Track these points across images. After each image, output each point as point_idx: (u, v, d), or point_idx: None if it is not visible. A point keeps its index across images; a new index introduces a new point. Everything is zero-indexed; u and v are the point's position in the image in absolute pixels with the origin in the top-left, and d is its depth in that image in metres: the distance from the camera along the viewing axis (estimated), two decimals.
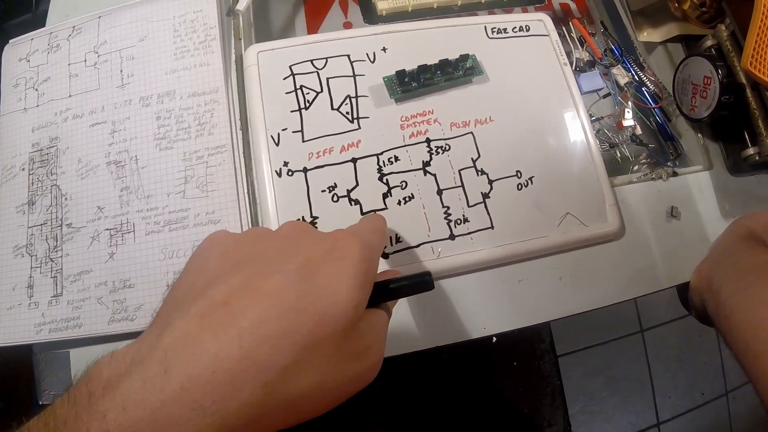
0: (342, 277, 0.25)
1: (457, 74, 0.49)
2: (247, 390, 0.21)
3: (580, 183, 0.48)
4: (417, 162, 0.46)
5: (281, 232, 0.28)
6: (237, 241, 0.28)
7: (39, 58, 0.52)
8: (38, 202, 0.48)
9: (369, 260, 0.27)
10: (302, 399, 0.23)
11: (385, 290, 0.29)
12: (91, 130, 0.49)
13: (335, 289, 0.24)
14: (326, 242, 0.27)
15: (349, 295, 0.24)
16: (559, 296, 0.47)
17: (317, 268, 0.25)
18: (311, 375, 0.23)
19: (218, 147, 0.47)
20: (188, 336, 0.22)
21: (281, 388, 0.22)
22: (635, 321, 1.49)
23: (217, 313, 0.22)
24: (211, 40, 0.49)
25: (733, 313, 0.39)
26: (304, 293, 0.23)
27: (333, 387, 0.24)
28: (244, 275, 0.24)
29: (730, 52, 0.51)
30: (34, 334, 0.44)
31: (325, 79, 0.48)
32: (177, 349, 0.21)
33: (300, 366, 0.22)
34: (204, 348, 0.21)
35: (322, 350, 0.23)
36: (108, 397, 0.20)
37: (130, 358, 0.22)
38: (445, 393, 0.86)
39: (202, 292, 0.23)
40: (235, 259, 0.26)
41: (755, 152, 0.51)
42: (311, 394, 0.23)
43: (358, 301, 0.25)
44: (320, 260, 0.25)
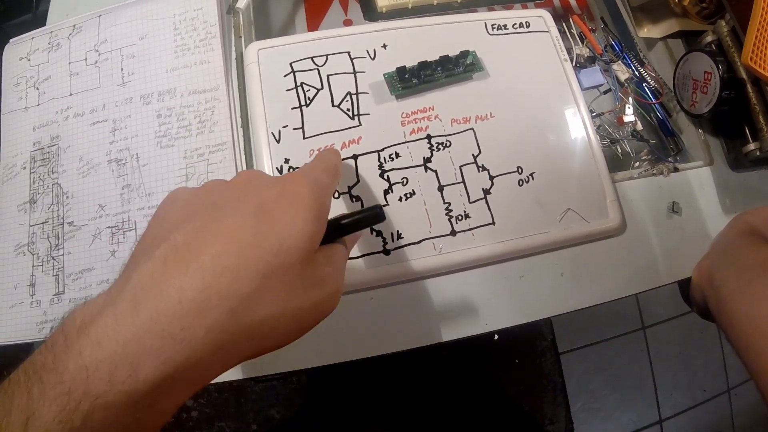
0: (294, 212, 0.26)
1: (457, 70, 0.48)
2: (212, 316, 0.23)
3: (581, 179, 0.48)
4: (418, 158, 0.46)
5: (235, 180, 0.30)
6: (194, 193, 0.29)
7: (40, 57, 0.52)
8: (40, 200, 0.48)
9: (320, 197, 0.28)
10: (264, 325, 0.25)
11: (338, 226, 0.30)
12: (92, 128, 0.49)
13: (289, 223, 0.26)
14: (278, 185, 0.28)
15: (302, 226, 0.26)
16: (560, 292, 0.47)
17: (270, 208, 0.26)
18: (272, 302, 0.25)
19: (219, 144, 0.47)
20: (154, 275, 0.23)
21: (244, 315, 0.24)
22: (637, 318, 1.49)
23: (179, 253, 0.24)
24: (211, 38, 0.50)
25: (734, 309, 0.39)
26: (260, 230, 0.25)
27: (294, 314, 0.26)
28: (202, 219, 0.25)
29: (730, 48, 0.51)
30: (36, 332, 0.44)
31: (326, 76, 0.48)
32: (144, 287, 0.23)
33: (261, 293, 0.24)
34: (169, 283, 0.23)
35: (281, 278, 0.25)
36: (83, 336, 0.21)
37: (101, 302, 0.23)
38: (446, 391, 0.86)
39: (164, 239, 0.25)
40: (194, 208, 0.27)
41: (756, 147, 0.51)
42: (273, 321, 0.25)
43: (311, 233, 0.26)
44: (273, 200, 0.27)
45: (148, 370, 0.21)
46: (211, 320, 0.22)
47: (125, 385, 0.21)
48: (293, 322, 0.27)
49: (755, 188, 0.55)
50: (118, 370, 0.21)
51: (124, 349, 0.21)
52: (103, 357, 0.21)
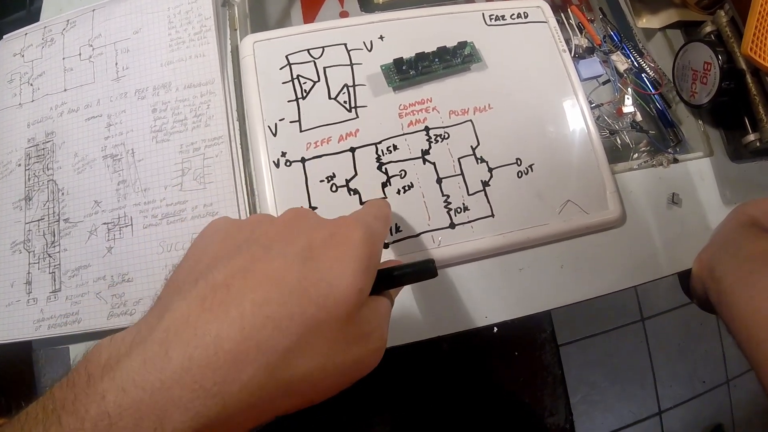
0: (344, 261, 0.25)
1: (455, 62, 0.48)
2: (249, 371, 0.21)
3: (581, 170, 0.48)
4: (416, 151, 0.46)
5: (283, 218, 0.28)
6: (238, 226, 0.27)
7: (33, 52, 0.52)
8: (35, 197, 0.47)
9: (372, 245, 0.26)
10: (303, 382, 0.23)
11: (388, 277, 0.28)
12: (86, 124, 0.48)
13: (337, 274, 0.24)
14: (328, 227, 0.26)
15: (352, 279, 0.24)
16: (560, 284, 0.47)
17: (319, 253, 0.25)
18: (313, 358, 0.23)
19: (215, 138, 0.46)
20: (189, 317, 0.21)
21: (283, 371, 0.22)
22: (636, 310, 1.49)
23: (218, 294, 0.22)
24: (206, 31, 0.49)
25: (735, 301, 0.39)
26: (306, 276, 0.23)
27: (334, 371, 0.24)
28: (245, 258, 0.24)
29: (729, 38, 0.51)
30: (33, 330, 0.44)
31: (322, 69, 0.47)
32: (178, 329, 0.21)
33: (302, 348, 0.22)
34: (205, 329, 0.21)
35: (324, 333, 0.23)
36: (107, 378, 0.20)
37: (130, 340, 0.21)
38: (446, 383, 0.85)
39: (202, 274, 0.23)
40: (236, 243, 0.26)
41: (756, 138, 0.51)
42: (312, 378, 0.23)
43: (360, 285, 0.25)
44: (322, 245, 0.25)
45: (175, 424, 0.20)
46: (247, 376, 0.21)
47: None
48: (332, 380, 0.25)
49: (755, 179, 0.55)
50: (144, 422, 0.19)
51: (152, 398, 0.19)
52: (127, 405, 0.19)
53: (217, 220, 0.29)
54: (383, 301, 0.28)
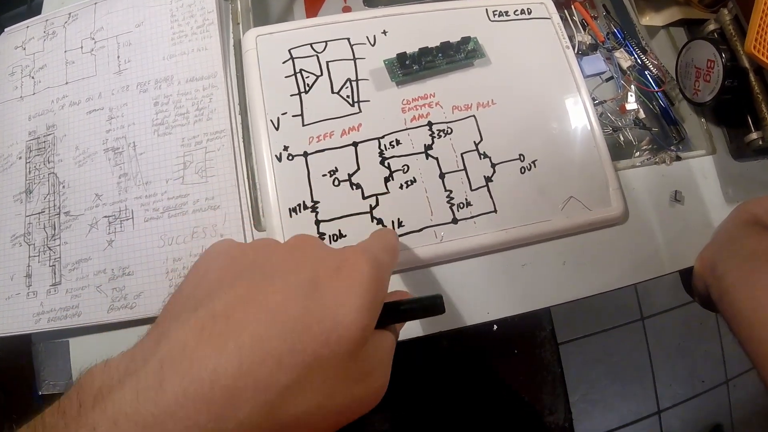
0: (350, 296, 0.24)
1: (458, 57, 0.48)
2: (246, 409, 0.20)
3: (584, 167, 0.48)
4: (419, 145, 0.46)
5: (288, 244, 0.27)
6: (241, 251, 0.27)
7: (35, 45, 0.52)
8: (36, 190, 0.47)
9: (379, 280, 0.25)
10: (301, 421, 0.22)
11: (394, 312, 0.27)
12: (88, 117, 0.48)
13: (343, 309, 0.23)
14: (335, 259, 0.25)
15: (357, 315, 0.23)
16: (562, 281, 0.47)
17: (324, 285, 0.24)
18: (313, 396, 0.22)
19: (217, 132, 0.46)
20: (186, 347, 0.21)
21: (281, 409, 0.21)
22: (636, 309, 1.49)
23: (217, 325, 0.21)
24: (209, 24, 0.49)
25: (736, 299, 0.39)
26: (310, 311, 0.22)
27: (334, 410, 0.23)
28: (247, 287, 0.23)
29: (733, 37, 0.51)
30: (33, 323, 0.44)
31: (325, 63, 0.47)
32: (173, 360, 0.20)
33: (301, 386, 0.21)
34: (202, 362, 0.20)
35: (325, 371, 0.22)
36: (98, 409, 0.19)
37: (124, 367, 0.21)
38: (446, 381, 0.86)
39: (202, 302, 0.23)
40: (238, 270, 0.25)
41: (758, 137, 0.51)
42: (311, 417, 0.22)
43: (366, 322, 0.24)
44: (328, 277, 0.24)
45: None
46: (243, 414, 0.20)
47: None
48: (331, 418, 0.24)
49: (757, 177, 0.55)
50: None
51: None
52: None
53: (220, 243, 0.28)
54: (388, 336, 0.27)
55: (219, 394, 0.19)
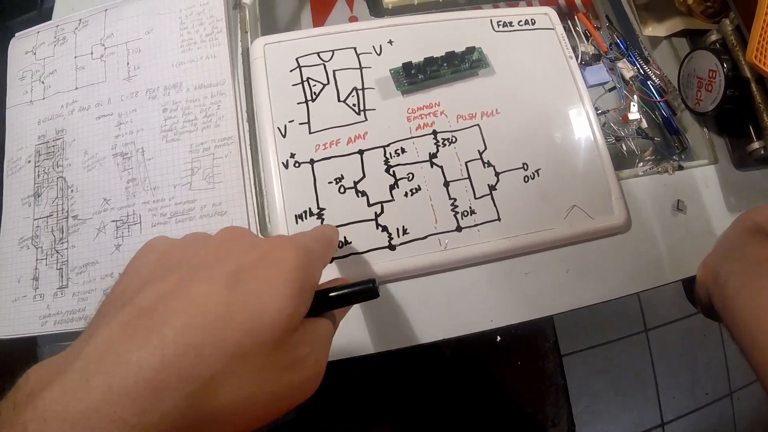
0: (274, 283, 0.24)
1: (463, 66, 0.49)
2: (169, 401, 0.20)
3: (587, 176, 0.48)
4: (424, 154, 0.46)
5: (216, 237, 0.27)
6: (172, 246, 0.27)
7: (45, 50, 0.52)
8: (44, 194, 0.48)
9: (306, 267, 0.25)
10: (230, 412, 0.22)
11: (325, 298, 0.27)
12: (97, 122, 0.49)
13: (266, 297, 0.23)
14: (260, 248, 0.25)
15: (281, 302, 0.23)
16: (565, 289, 0.47)
17: (248, 275, 0.24)
18: (239, 386, 0.22)
19: (225, 139, 0.47)
20: (111, 344, 0.21)
21: (206, 400, 0.21)
22: (639, 320, 1.49)
23: (141, 320, 0.21)
24: (217, 32, 0.50)
25: (739, 307, 0.39)
26: (233, 301, 0.22)
27: (264, 400, 0.23)
28: (173, 281, 0.23)
29: (734, 47, 0.51)
30: (39, 326, 0.44)
31: (332, 72, 0.48)
32: (99, 357, 0.20)
33: (227, 377, 0.21)
34: (125, 357, 0.20)
35: (251, 361, 0.22)
36: (30, 408, 0.19)
37: (55, 367, 0.21)
38: (448, 391, 0.85)
39: (130, 299, 0.23)
40: (168, 264, 0.25)
41: (760, 146, 0.51)
42: (240, 407, 0.22)
43: (291, 309, 0.23)
44: (252, 266, 0.24)
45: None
46: (168, 406, 0.20)
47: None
48: (262, 408, 0.23)
49: (760, 187, 0.55)
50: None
51: (72, 429, 0.19)
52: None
53: (152, 240, 0.28)
54: (322, 323, 0.27)
55: (142, 388, 0.19)
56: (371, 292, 0.28)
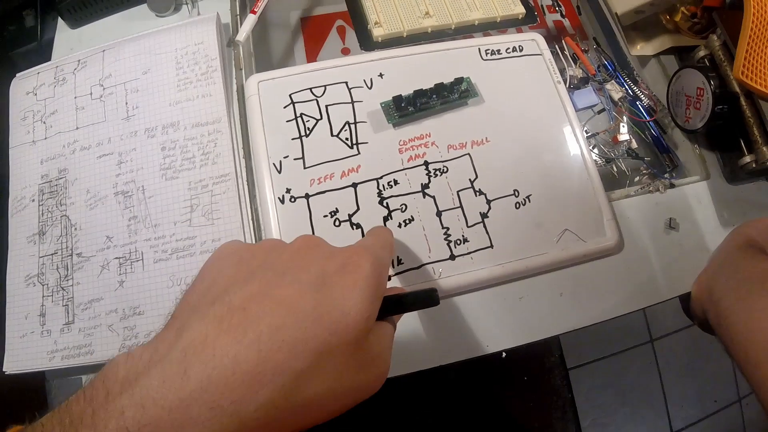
0: (355, 289, 0.25)
1: (452, 97, 0.49)
2: (265, 392, 0.22)
3: (578, 199, 0.49)
4: (416, 185, 0.47)
5: (295, 245, 0.29)
6: (252, 251, 0.28)
7: (46, 91, 0.54)
8: (48, 232, 0.49)
9: (380, 275, 0.27)
10: (313, 404, 0.24)
11: (392, 304, 0.29)
12: (98, 161, 0.50)
13: (348, 301, 0.25)
14: (339, 257, 0.27)
15: (361, 306, 0.25)
16: (560, 312, 0.48)
17: (331, 281, 0.26)
18: (323, 381, 0.24)
19: (222, 176, 0.48)
20: (207, 338, 0.22)
21: (295, 392, 0.23)
22: (644, 331, 1.48)
23: (235, 317, 0.23)
24: (212, 71, 0.51)
25: (733, 322, 0.39)
26: (320, 303, 0.24)
27: (342, 393, 0.25)
28: (260, 283, 0.25)
29: (722, 62, 0.52)
30: (47, 361, 0.45)
31: (324, 107, 0.49)
32: (196, 350, 0.22)
33: (314, 372, 0.23)
34: (224, 350, 0.22)
35: (334, 358, 0.24)
36: (126, 395, 0.21)
37: (148, 357, 0.22)
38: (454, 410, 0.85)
39: (219, 296, 0.24)
40: (250, 268, 0.27)
41: (752, 160, 0.51)
42: (322, 400, 0.24)
43: (369, 313, 0.26)
44: (334, 273, 0.26)
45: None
46: (263, 397, 0.22)
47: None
48: (339, 401, 0.26)
49: (752, 200, 0.56)
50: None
51: (170, 415, 0.20)
52: (146, 421, 0.20)
53: (228, 244, 0.30)
54: (387, 327, 0.29)
55: (240, 379, 0.21)
56: (432, 299, 0.30)
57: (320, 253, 0.28)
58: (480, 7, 0.55)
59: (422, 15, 0.54)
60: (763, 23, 0.48)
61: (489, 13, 0.55)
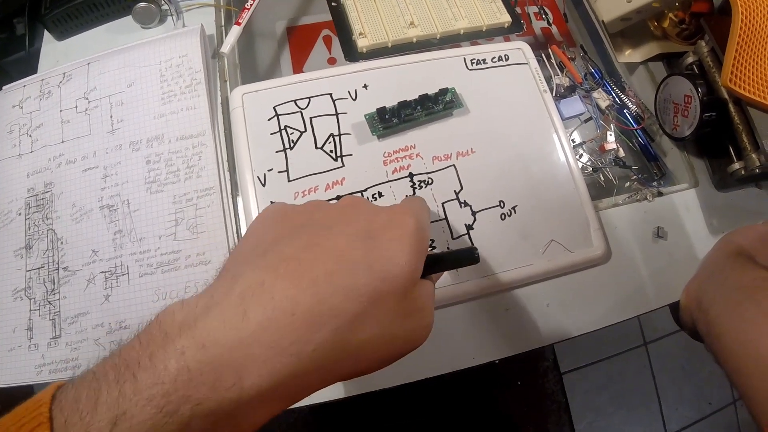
0: (401, 243, 0.26)
1: (437, 108, 0.49)
2: (322, 333, 0.23)
3: (564, 209, 0.49)
4: (401, 197, 0.47)
5: (340, 204, 0.30)
6: (297, 210, 0.29)
7: (32, 104, 0.53)
8: (35, 246, 0.49)
9: (422, 231, 0.28)
10: (366, 348, 0.25)
11: (434, 262, 0.30)
12: (83, 175, 0.50)
13: (397, 252, 0.26)
14: (384, 214, 0.28)
15: (408, 258, 0.26)
16: (547, 322, 0.47)
17: (378, 234, 0.27)
18: (375, 325, 0.25)
19: (207, 189, 0.48)
20: (264, 283, 0.23)
21: (349, 335, 0.24)
22: (638, 334, 1.48)
23: (290, 264, 0.24)
24: (196, 84, 0.51)
25: (722, 332, 0.39)
26: (369, 253, 0.25)
27: (391, 340, 0.26)
28: (309, 236, 0.26)
29: (711, 68, 0.52)
30: (34, 375, 0.45)
31: (309, 119, 0.49)
32: (254, 294, 0.23)
33: (366, 316, 0.24)
34: (282, 293, 0.23)
35: (384, 305, 0.25)
36: (185, 336, 0.21)
37: (204, 303, 0.23)
38: (449, 413, 0.85)
39: (269, 249, 0.25)
40: (297, 223, 0.28)
41: (741, 167, 0.51)
42: (373, 344, 0.25)
43: (415, 265, 0.27)
44: (380, 227, 0.27)
45: (253, 380, 0.21)
46: (320, 337, 0.23)
47: (229, 393, 0.21)
48: (389, 348, 0.27)
49: (741, 207, 0.56)
50: (223, 377, 0.21)
51: (231, 354, 0.21)
52: (207, 360, 0.20)
53: (273, 205, 0.31)
54: (429, 284, 0.30)
55: (299, 320, 0.22)
56: (473, 257, 0.31)
57: (365, 209, 0.29)
58: (465, 16, 0.55)
59: (407, 25, 0.53)
60: (752, 30, 0.48)
61: (474, 22, 0.55)
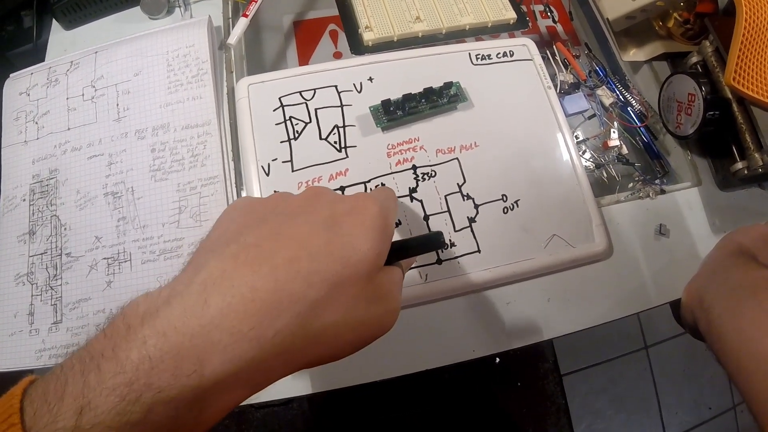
0: (364, 229, 0.27)
1: (441, 102, 0.49)
2: (283, 319, 0.23)
3: (566, 204, 0.49)
4: (404, 189, 0.47)
5: (304, 193, 0.30)
6: (261, 202, 0.30)
7: (39, 92, 0.54)
8: (39, 231, 0.49)
9: (386, 218, 0.29)
10: (329, 333, 0.25)
11: (400, 248, 0.31)
12: (88, 162, 0.50)
13: (358, 238, 0.26)
14: (348, 201, 0.29)
15: (371, 243, 0.26)
16: (548, 317, 0.47)
17: (341, 221, 0.27)
18: (337, 311, 0.25)
19: (211, 178, 0.48)
20: (225, 272, 0.23)
21: (311, 320, 0.24)
22: (639, 337, 1.47)
23: (251, 253, 0.24)
24: (203, 74, 0.51)
25: (724, 331, 0.39)
26: (331, 239, 0.26)
27: (356, 325, 0.26)
28: (273, 225, 0.26)
29: (715, 68, 0.52)
30: (35, 359, 0.45)
31: (314, 110, 0.49)
32: (215, 282, 0.23)
33: (328, 301, 0.24)
34: (242, 280, 0.23)
35: (347, 290, 0.25)
36: (147, 326, 0.21)
37: (167, 293, 0.23)
38: (448, 413, 0.85)
39: (233, 238, 0.25)
40: (261, 214, 0.28)
41: (744, 166, 0.51)
42: (337, 330, 0.25)
43: (379, 250, 0.27)
44: (343, 214, 0.27)
45: (214, 366, 0.21)
46: (281, 323, 0.23)
47: (190, 380, 0.21)
48: (354, 334, 0.27)
49: (744, 206, 0.56)
50: (184, 364, 0.21)
51: (191, 341, 0.21)
52: (168, 348, 0.21)
53: (241, 199, 0.31)
54: (396, 270, 0.31)
55: (259, 306, 0.22)
56: (438, 243, 0.32)
57: (328, 198, 0.29)
58: (471, 12, 0.55)
59: (413, 20, 0.54)
60: (755, 30, 0.48)
61: (480, 18, 0.55)
